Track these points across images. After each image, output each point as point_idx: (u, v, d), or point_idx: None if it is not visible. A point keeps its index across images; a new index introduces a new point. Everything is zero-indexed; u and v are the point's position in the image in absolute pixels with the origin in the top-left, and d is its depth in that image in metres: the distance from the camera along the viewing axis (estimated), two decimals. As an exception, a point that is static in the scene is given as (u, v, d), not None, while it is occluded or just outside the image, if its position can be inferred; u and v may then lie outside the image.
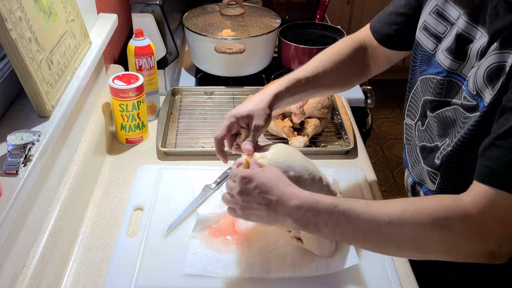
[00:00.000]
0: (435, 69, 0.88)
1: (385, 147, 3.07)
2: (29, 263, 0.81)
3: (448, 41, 0.85)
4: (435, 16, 0.88)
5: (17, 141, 0.79)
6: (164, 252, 0.94)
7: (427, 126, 0.92)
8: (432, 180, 0.91)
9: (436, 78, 0.87)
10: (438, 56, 0.87)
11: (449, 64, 0.84)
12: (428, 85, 0.90)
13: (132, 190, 1.09)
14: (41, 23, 0.90)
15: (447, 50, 0.84)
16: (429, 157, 0.91)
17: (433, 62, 0.88)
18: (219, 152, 0.93)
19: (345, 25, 3.36)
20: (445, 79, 0.85)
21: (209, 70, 1.57)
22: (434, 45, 0.88)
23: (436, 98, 0.88)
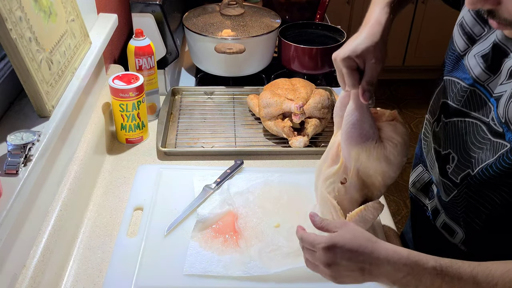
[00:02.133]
0: (461, 74, 0.81)
1: (385, 147, 3.07)
2: (29, 263, 0.81)
3: (484, 47, 0.76)
4: (473, 14, 0.79)
5: (17, 141, 0.79)
6: (164, 252, 0.94)
7: (440, 129, 0.87)
8: (446, 191, 0.86)
9: (460, 84, 0.80)
10: (468, 60, 0.79)
11: (479, 73, 0.76)
12: (450, 88, 0.83)
13: (132, 190, 1.09)
14: (41, 23, 0.90)
15: (481, 57, 0.76)
16: (442, 167, 0.86)
17: (461, 64, 0.81)
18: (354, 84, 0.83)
19: (345, 25, 3.36)
20: (469, 87, 0.78)
21: (209, 70, 1.57)
22: (465, 46, 0.81)
23: (453, 105, 0.81)
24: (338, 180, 0.88)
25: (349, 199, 0.89)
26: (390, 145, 0.84)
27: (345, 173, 0.88)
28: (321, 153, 1.24)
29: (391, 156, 0.84)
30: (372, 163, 0.85)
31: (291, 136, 1.25)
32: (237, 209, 1.03)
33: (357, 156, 0.85)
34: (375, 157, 0.84)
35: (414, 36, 3.46)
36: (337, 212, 0.88)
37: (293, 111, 1.25)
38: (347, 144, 0.85)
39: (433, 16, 3.33)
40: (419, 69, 3.57)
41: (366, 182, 0.88)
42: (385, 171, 0.86)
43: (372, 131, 0.83)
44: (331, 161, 0.91)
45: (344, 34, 1.62)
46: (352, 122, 0.83)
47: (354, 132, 0.83)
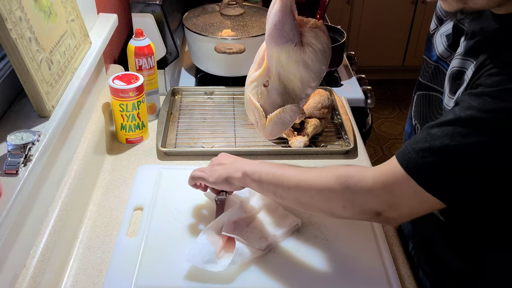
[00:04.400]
0: (429, 51, 0.88)
1: (385, 147, 3.07)
2: (29, 263, 0.81)
3: (449, 27, 0.84)
4: None
5: (17, 141, 0.79)
6: (164, 252, 0.94)
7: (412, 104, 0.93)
8: None
9: (427, 60, 0.87)
10: (435, 39, 0.86)
11: (442, 50, 0.83)
12: (423, 65, 0.90)
13: (132, 190, 1.09)
14: (41, 23, 0.90)
15: (445, 36, 0.84)
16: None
17: (430, 43, 0.88)
18: None
19: (345, 25, 3.36)
20: (434, 64, 0.85)
21: (209, 70, 1.57)
22: (435, 26, 0.88)
23: (422, 80, 0.88)
24: (261, 82, 0.91)
25: (271, 103, 0.92)
26: (310, 50, 0.87)
27: (268, 76, 0.91)
28: (321, 153, 1.25)
29: (309, 61, 0.88)
30: (291, 66, 0.88)
31: (291, 136, 1.25)
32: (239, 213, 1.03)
33: (277, 57, 0.88)
34: (294, 60, 0.87)
35: (414, 36, 3.46)
36: (259, 114, 0.93)
37: (293, 111, 1.25)
38: (268, 44, 0.88)
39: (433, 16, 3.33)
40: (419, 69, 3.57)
41: (287, 87, 0.92)
42: (304, 76, 0.90)
43: (292, 33, 0.86)
44: (257, 65, 0.93)
45: (344, 34, 1.62)
46: (274, 22, 0.85)
47: (275, 32, 0.85)
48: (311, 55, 0.87)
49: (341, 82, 1.64)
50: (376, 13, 3.35)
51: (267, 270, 0.91)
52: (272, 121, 0.93)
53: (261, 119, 0.94)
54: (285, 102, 0.92)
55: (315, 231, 0.99)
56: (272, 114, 0.93)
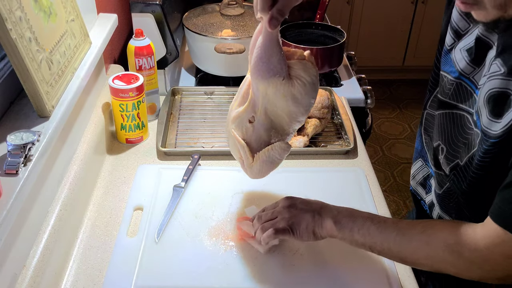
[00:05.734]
0: (449, 67, 0.84)
1: (385, 147, 3.07)
2: (29, 263, 0.81)
3: (469, 41, 0.79)
4: (459, 12, 0.82)
5: (17, 141, 0.79)
6: (164, 252, 0.94)
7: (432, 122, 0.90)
8: (439, 183, 0.89)
9: (447, 77, 0.83)
10: (454, 54, 0.82)
11: (464, 66, 0.79)
12: (442, 82, 0.86)
13: (132, 190, 1.09)
14: (41, 23, 0.90)
15: (466, 50, 0.79)
16: (435, 158, 0.89)
17: (448, 59, 0.84)
18: None
19: (345, 25, 3.36)
20: (455, 80, 0.81)
21: (209, 70, 1.57)
22: (452, 40, 0.84)
23: (442, 98, 0.85)
24: (246, 118, 0.86)
25: (257, 139, 0.87)
26: (299, 83, 0.82)
27: (253, 111, 0.86)
28: (321, 153, 1.25)
29: (298, 95, 0.83)
30: (279, 100, 0.83)
31: (291, 136, 1.25)
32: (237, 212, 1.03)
33: (264, 91, 0.83)
34: (282, 94, 0.82)
35: (414, 36, 3.47)
36: (245, 152, 0.88)
37: (293, 111, 1.25)
38: (254, 78, 0.83)
39: (433, 16, 3.33)
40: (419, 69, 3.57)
41: (274, 122, 0.87)
42: (292, 110, 0.85)
43: (280, 66, 0.80)
44: (241, 99, 0.88)
45: (344, 34, 1.62)
46: (260, 55, 0.80)
47: (262, 65, 0.80)
48: (300, 88, 0.82)
49: (341, 82, 1.64)
50: (376, 13, 3.35)
51: (267, 270, 0.91)
52: (260, 159, 0.88)
53: (248, 157, 0.88)
54: (272, 138, 0.88)
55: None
56: (260, 152, 0.88)
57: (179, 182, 1.10)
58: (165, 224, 0.99)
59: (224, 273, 0.90)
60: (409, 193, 2.79)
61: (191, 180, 1.12)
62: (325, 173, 1.17)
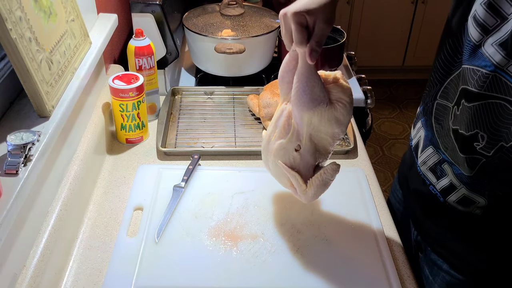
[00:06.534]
0: (481, 62, 0.84)
1: (385, 147, 3.07)
2: (29, 263, 0.81)
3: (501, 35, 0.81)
4: (485, 8, 0.83)
5: (17, 141, 0.79)
6: (164, 252, 0.94)
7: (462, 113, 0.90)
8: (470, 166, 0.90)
9: (480, 71, 0.84)
10: (485, 49, 0.84)
11: (499, 59, 0.81)
12: (470, 75, 0.87)
13: (132, 190, 1.09)
14: (41, 23, 0.90)
15: (500, 45, 0.81)
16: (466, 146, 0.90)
17: (478, 54, 0.85)
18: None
19: (345, 25, 3.36)
20: (491, 73, 0.83)
21: (209, 70, 1.57)
22: (480, 36, 0.84)
23: (475, 90, 0.86)
24: (292, 148, 0.88)
25: (305, 166, 0.89)
26: (340, 106, 0.86)
27: (298, 140, 0.88)
28: (321, 153, 1.25)
29: (341, 117, 0.87)
30: (324, 126, 0.86)
31: (291, 136, 1.25)
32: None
33: (309, 121, 0.85)
34: (327, 120, 0.86)
35: (414, 36, 3.47)
36: (297, 181, 0.90)
37: (293, 111, 1.25)
38: (299, 111, 0.85)
39: (433, 16, 3.33)
40: (419, 69, 3.58)
41: (318, 146, 0.90)
42: (336, 132, 0.89)
43: (322, 94, 0.84)
44: (282, 131, 0.90)
45: (344, 34, 1.62)
46: (303, 88, 0.83)
47: (305, 97, 0.83)
48: (342, 110, 0.87)
49: (341, 82, 1.64)
50: (376, 13, 3.35)
51: (268, 270, 0.91)
52: (315, 185, 0.89)
53: (301, 185, 0.90)
54: (317, 160, 0.91)
55: (315, 231, 0.99)
56: (313, 178, 0.90)
57: (179, 182, 1.10)
58: (165, 224, 0.99)
59: (224, 273, 0.90)
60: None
61: (191, 180, 1.12)
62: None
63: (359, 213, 1.05)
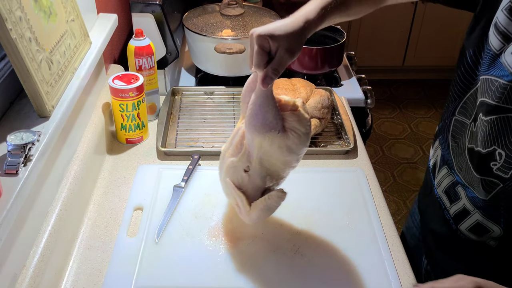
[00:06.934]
0: (499, 71, 0.80)
1: (385, 147, 3.07)
2: (29, 263, 0.81)
3: None
4: (506, 14, 0.79)
5: (17, 141, 0.79)
6: (164, 252, 0.94)
7: (478, 128, 0.85)
8: (486, 189, 0.85)
9: (498, 81, 0.80)
10: (505, 58, 0.79)
11: None
12: (488, 86, 0.82)
13: (132, 190, 1.09)
14: (41, 23, 0.90)
15: None
16: (482, 166, 0.84)
17: (497, 63, 0.80)
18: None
19: (345, 25, 3.36)
20: (509, 84, 0.78)
21: (209, 70, 1.57)
22: (501, 44, 0.80)
23: (493, 102, 0.81)
24: (241, 168, 0.87)
25: (253, 187, 0.88)
26: (294, 135, 0.84)
27: (249, 161, 0.87)
28: (321, 153, 1.25)
29: (293, 146, 0.84)
30: (274, 152, 0.85)
31: (291, 136, 1.25)
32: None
33: (259, 144, 0.84)
34: (278, 146, 0.84)
35: (414, 36, 3.46)
36: (242, 201, 0.89)
37: (293, 111, 1.25)
38: (250, 133, 0.84)
39: (433, 16, 3.33)
40: (419, 69, 3.57)
41: (270, 170, 0.88)
42: (287, 159, 0.87)
43: (275, 121, 0.82)
44: (235, 149, 0.89)
45: (344, 34, 1.62)
46: (255, 112, 0.82)
47: (256, 121, 0.82)
48: (295, 139, 0.84)
49: (341, 82, 1.64)
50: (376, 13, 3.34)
51: (267, 270, 0.91)
52: (258, 208, 0.88)
53: (245, 206, 0.89)
54: (267, 183, 0.90)
55: (315, 231, 0.99)
56: (258, 201, 0.89)
57: (179, 182, 1.10)
58: (165, 224, 0.99)
59: (224, 273, 0.90)
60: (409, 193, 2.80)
61: (191, 180, 1.12)
62: (325, 173, 1.17)
63: (359, 214, 1.04)
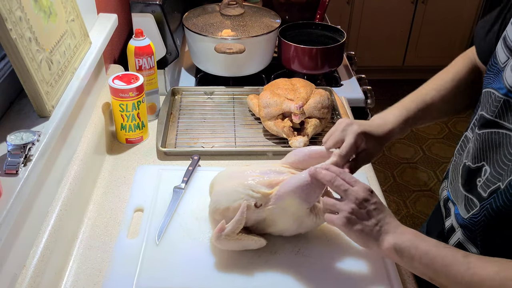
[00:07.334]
0: (497, 84, 0.79)
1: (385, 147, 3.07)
2: (29, 263, 0.81)
3: None
4: None
5: (17, 141, 0.79)
6: (164, 253, 0.94)
7: (472, 143, 0.84)
8: (466, 208, 0.84)
9: (494, 94, 0.79)
10: (506, 71, 0.77)
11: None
12: (486, 99, 0.81)
13: (132, 191, 1.09)
14: (41, 23, 0.90)
15: None
16: (469, 181, 0.84)
17: (499, 76, 0.79)
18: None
19: (345, 25, 3.36)
20: (503, 97, 0.76)
21: (209, 70, 1.57)
22: (505, 57, 0.79)
23: (487, 116, 0.79)
24: (255, 199, 0.90)
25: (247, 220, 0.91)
26: (313, 219, 0.92)
27: (265, 202, 0.90)
28: (321, 153, 1.24)
29: (305, 224, 0.92)
30: (288, 216, 0.91)
31: (291, 136, 1.25)
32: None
33: (285, 201, 0.89)
34: (296, 215, 0.91)
35: (414, 36, 3.46)
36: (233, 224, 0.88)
37: (293, 111, 1.25)
38: (288, 192, 0.88)
39: (433, 16, 3.33)
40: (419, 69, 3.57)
41: (266, 223, 0.93)
42: (287, 228, 0.93)
43: (313, 201, 0.90)
44: (267, 182, 0.91)
45: (344, 34, 1.62)
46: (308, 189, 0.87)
47: (302, 193, 0.87)
48: (310, 222, 0.92)
49: (341, 82, 1.64)
50: (376, 13, 3.35)
51: (269, 271, 0.91)
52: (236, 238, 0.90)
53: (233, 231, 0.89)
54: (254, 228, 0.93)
55: (316, 231, 0.99)
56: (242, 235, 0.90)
57: (179, 183, 1.10)
58: (165, 225, 0.99)
59: (225, 274, 0.90)
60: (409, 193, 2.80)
61: (191, 181, 1.12)
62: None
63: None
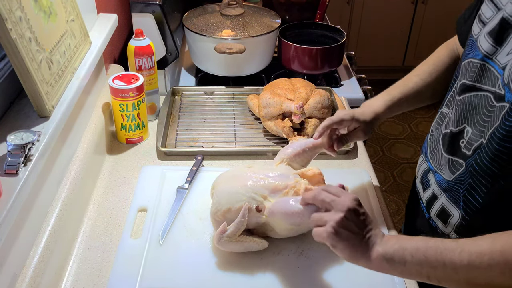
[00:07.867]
0: (474, 53, 0.86)
1: (385, 147, 3.07)
2: (29, 263, 0.81)
3: (492, 24, 0.82)
4: (487, 2, 0.85)
5: (17, 141, 0.79)
6: (168, 254, 0.94)
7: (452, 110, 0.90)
8: (451, 170, 0.89)
9: (472, 61, 0.85)
10: (479, 40, 0.85)
11: (487, 47, 0.82)
12: (466, 68, 0.88)
13: (136, 191, 1.09)
14: (41, 23, 0.90)
15: (488, 33, 0.82)
16: (452, 145, 0.89)
17: (474, 46, 0.86)
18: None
19: (345, 25, 3.36)
20: (479, 62, 0.83)
21: (209, 70, 1.57)
22: (478, 29, 0.86)
23: (467, 82, 0.86)
24: (257, 202, 0.91)
25: (249, 223, 0.92)
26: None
27: (263, 208, 0.91)
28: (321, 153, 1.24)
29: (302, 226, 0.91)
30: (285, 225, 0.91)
31: (291, 136, 1.25)
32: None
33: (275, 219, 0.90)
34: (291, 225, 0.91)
35: (414, 36, 3.46)
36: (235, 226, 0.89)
37: (293, 111, 1.25)
38: (282, 214, 0.89)
39: (433, 16, 3.33)
40: (419, 69, 3.57)
41: (267, 224, 0.93)
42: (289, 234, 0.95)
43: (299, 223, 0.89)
44: (271, 187, 0.93)
45: (344, 34, 1.62)
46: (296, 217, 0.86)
47: (292, 217, 0.87)
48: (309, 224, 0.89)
49: (341, 82, 1.64)
50: (376, 13, 3.35)
51: (271, 272, 0.91)
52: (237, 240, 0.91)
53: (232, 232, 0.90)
54: (255, 230, 0.95)
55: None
56: (243, 237, 0.91)
57: (183, 183, 1.09)
58: (169, 225, 0.99)
59: (228, 275, 0.90)
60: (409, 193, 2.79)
61: (194, 181, 1.11)
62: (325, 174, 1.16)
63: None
